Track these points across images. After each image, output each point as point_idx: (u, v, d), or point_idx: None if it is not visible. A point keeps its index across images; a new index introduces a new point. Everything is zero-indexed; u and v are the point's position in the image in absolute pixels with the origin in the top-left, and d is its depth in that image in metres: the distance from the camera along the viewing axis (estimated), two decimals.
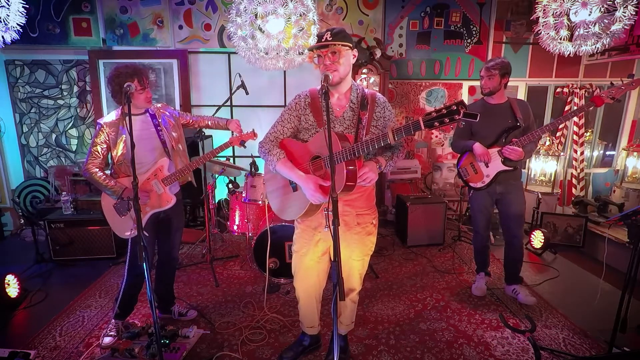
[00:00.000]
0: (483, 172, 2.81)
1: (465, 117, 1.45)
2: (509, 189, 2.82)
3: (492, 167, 2.76)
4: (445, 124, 1.50)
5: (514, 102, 2.79)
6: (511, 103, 2.79)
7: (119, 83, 2.18)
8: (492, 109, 2.79)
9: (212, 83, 4.61)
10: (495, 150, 2.73)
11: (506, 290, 3.07)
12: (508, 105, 2.78)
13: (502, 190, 2.84)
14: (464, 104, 1.46)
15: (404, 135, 1.64)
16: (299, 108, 1.95)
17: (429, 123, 1.53)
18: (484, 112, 2.76)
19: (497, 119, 2.76)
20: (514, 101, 2.80)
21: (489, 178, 2.79)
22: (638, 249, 2.05)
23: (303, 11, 2.73)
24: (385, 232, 4.36)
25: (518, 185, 2.87)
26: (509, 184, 2.82)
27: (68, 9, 4.22)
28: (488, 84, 2.75)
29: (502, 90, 2.79)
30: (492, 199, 2.91)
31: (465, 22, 4.59)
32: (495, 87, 2.74)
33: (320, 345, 2.41)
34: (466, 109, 1.45)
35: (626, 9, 2.33)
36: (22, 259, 3.63)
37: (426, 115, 1.54)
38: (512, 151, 2.64)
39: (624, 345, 2.28)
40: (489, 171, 2.78)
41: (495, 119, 2.76)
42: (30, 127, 4.57)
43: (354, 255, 2.04)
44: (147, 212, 2.36)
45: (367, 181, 1.81)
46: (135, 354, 2.20)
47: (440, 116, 1.50)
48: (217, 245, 4.07)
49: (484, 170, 2.80)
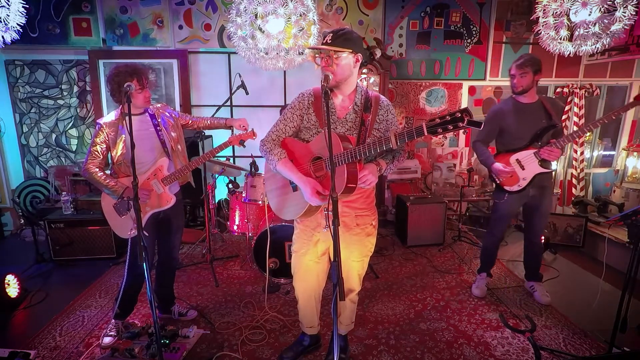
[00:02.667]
0: (519, 175, 2.69)
1: (469, 125, 1.42)
2: (542, 190, 2.75)
3: (529, 170, 2.66)
4: (448, 131, 1.48)
5: (546, 101, 2.69)
6: (543, 102, 2.68)
7: (118, 82, 2.19)
8: (524, 109, 2.68)
9: (212, 83, 4.61)
10: (532, 152, 2.64)
11: (525, 285, 3.10)
12: (540, 105, 2.68)
13: (535, 193, 2.75)
14: (468, 111, 1.43)
15: (406, 140, 1.63)
16: (302, 107, 1.94)
17: (432, 130, 1.51)
18: (517, 112, 2.70)
19: (531, 118, 2.66)
20: (545, 100, 2.70)
21: (525, 181, 2.69)
22: (638, 249, 2.05)
23: (303, 11, 2.74)
24: (385, 232, 4.36)
25: (550, 185, 2.81)
26: (543, 185, 2.74)
27: (68, 9, 4.22)
28: (521, 82, 2.64)
29: (534, 88, 2.68)
30: (523, 202, 2.82)
31: (465, 22, 4.59)
32: (529, 85, 2.64)
33: (320, 345, 2.41)
34: (471, 117, 1.43)
35: (626, 9, 2.33)
36: (22, 259, 3.63)
37: (430, 121, 1.52)
38: (550, 152, 2.56)
39: (624, 345, 2.28)
40: (525, 174, 2.68)
41: (528, 119, 2.66)
42: (30, 127, 4.57)
43: (353, 256, 2.04)
44: (147, 212, 2.36)
45: (367, 183, 1.81)
46: (135, 354, 2.20)
47: (444, 123, 1.48)
48: (217, 245, 4.07)
49: (520, 174, 2.69)
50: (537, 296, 2.93)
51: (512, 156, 2.73)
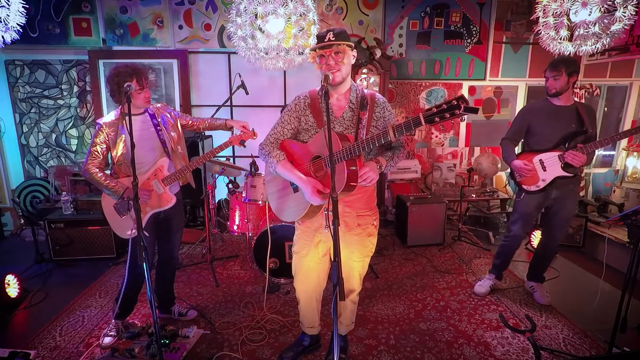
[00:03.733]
0: (539, 175, 2.65)
1: (465, 111, 1.44)
2: (566, 194, 2.69)
3: (550, 172, 2.62)
4: (446, 119, 1.50)
5: (581, 107, 2.62)
6: (578, 107, 2.61)
7: (117, 82, 2.18)
8: (556, 111, 2.63)
9: (212, 83, 4.61)
10: (556, 154, 2.58)
11: (525, 285, 3.09)
12: (574, 109, 2.61)
13: (558, 195, 2.69)
14: (464, 98, 1.45)
15: (404, 131, 1.63)
16: (299, 109, 1.95)
17: (430, 118, 1.52)
18: (548, 113, 2.66)
19: (561, 121, 2.60)
20: (580, 105, 2.64)
21: (544, 183, 2.64)
22: (638, 249, 2.05)
23: (303, 11, 2.74)
24: (385, 232, 4.36)
25: (576, 190, 2.74)
26: (568, 189, 2.68)
27: (68, 9, 4.22)
28: (554, 84, 2.57)
29: (570, 91, 2.62)
30: (544, 204, 2.77)
31: (465, 22, 4.59)
32: (563, 87, 2.56)
33: (320, 345, 2.41)
34: (467, 104, 1.44)
35: (626, 9, 2.33)
36: (22, 259, 3.63)
37: (427, 110, 1.53)
38: (574, 157, 2.49)
39: (624, 345, 2.28)
40: (545, 175, 2.63)
41: (559, 122, 2.61)
42: (30, 127, 4.57)
43: (353, 256, 2.04)
44: (148, 212, 2.36)
45: (368, 181, 1.81)
46: (135, 354, 2.20)
47: (441, 111, 1.49)
48: (217, 245, 4.07)
49: (541, 174, 2.64)
50: (537, 296, 2.93)
51: (536, 156, 2.68)
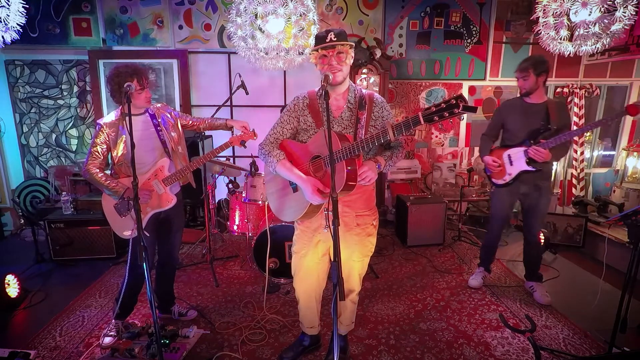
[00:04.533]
0: (506, 169, 2.80)
1: (464, 110, 1.45)
2: (536, 189, 2.79)
3: (516, 167, 2.75)
4: (444, 118, 1.50)
5: (552, 104, 2.72)
6: (548, 104, 2.71)
7: (118, 82, 2.18)
8: (527, 108, 2.75)
9: (212, 83, 4.61)
10: (522, 149, 2.70)
11: (525, 285, 3.12)
12: (544, 107, 2.71)
13: (527, 191, 2.81)
14: (463, 97, 1.46)
15: (403, 131, 1.64)
16: (298, 109, 1.96)
17: (429, 117, 1.53)
18: (519, 111, 2.77)
19: (530, 118, 2.71)
20: (552, 103, 2.73)
21: (510, 177, 2.78)
22: (638, 249, 2.05)
23: (303, 11, 2.74)
24: (385, 232, 4.36)
25: (545, 186, 2.82)
26: (536, 184, 2.78)
27: (68, 9, 4.22)
28: (523, 85, 2.69)
29: (541, 89, 2.72)
30: (514, 199, 2.91)
31: (465, 22, 4.59)
32: (532, 87, 2.68)
33: (320, 346, 2.41)
34: (465, 103, 1.45)
35: (626, 9, 2.33)
36: (22, 259, 3.63)
37: (425, 109, 1.54)
38: (537, 152, 2.60)
39: (624, 345, 2.28)
40: (511, 170, 2.78)
41: (528, 119, 2.72)
42: (30, 127, 4.57)
43: (353, 256, 2.04)
44: (148, 212, 2.36)
45: (367, 180, 1.81)
46: (135, 354, 2.20)
47: (440, 110, 1.50)
48: (217, 245, 4.07)
49: (508, 169, 2.80)
50: (537, 296, 2.94)
51: (505, 151, 2.82)
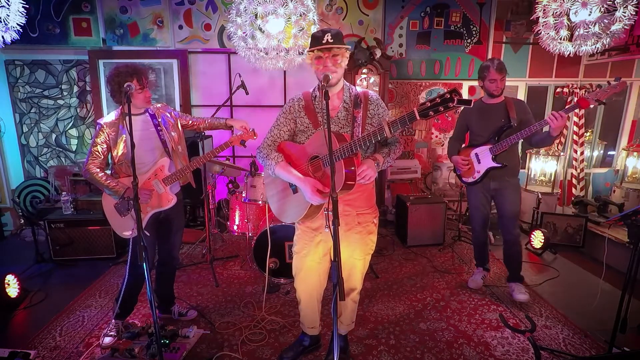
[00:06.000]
0: (475, 167, 2.91)
1: (459, 103, 1.46)
2: (504, 185, 2.87)
3: (483, 164, 2.86)
4: (440, 113, 1.51)
5: (510, 102, 2.83)
6: (507, 102, 2.82)
7: (118, 82, 2.18)
8: (488, 109, 2.86)
9: (212, 83, 4.61)
10: (488, 147, 2.81)
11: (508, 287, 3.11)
12: (503, 105, 2.82)
13: (497, 187, 2.89)
14: (457, 91, 1.47)
15: (399, 127, 1.65)
16: (294, 111, 1.98)
17: (424, 113, 1.54)
18: (480, 111, 2.89)
19: (492, 118, 2.83)
20: (509, 100, 2.84)
21: (479, 174, 2.88)
22: (638, 249, 2.05)
23: (303, 11, 2.74)
24: (385, 232, 4.36)
25: (513, 182, 2.90)
26: (504, 180, 2.86)
27: (68, 9, 4.22)
28: (501, 85, 2.77)
29: None
30: (488, 196, 2.97)
31: (465, 22, 4.59)
32: (504, 87, 2.80)
33: (321, 346, 2.41)
34: (460, 97, 1.46)
35: (626, 9, 2.33)
36: (22, 259, 3.63)
37: (421, 105, 1.55)
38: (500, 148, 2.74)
39: (624, 345, 2.28)
40: (479, 167, 2.88)
41: (490, 118, 2.84)
42: (30, 127, 4.57)
43: (355, 254, 2.05)
44: (148, 212, 2.36)
45: (366, 179, 1.82)
46: (135, 354, 2.20)
47: (435, 105, 1.51)
48: (217, 245, 4.07)
49: (476, 167, 2.90)
50: (514, 295, 2.93)
51: (472, 151, 2.91)
